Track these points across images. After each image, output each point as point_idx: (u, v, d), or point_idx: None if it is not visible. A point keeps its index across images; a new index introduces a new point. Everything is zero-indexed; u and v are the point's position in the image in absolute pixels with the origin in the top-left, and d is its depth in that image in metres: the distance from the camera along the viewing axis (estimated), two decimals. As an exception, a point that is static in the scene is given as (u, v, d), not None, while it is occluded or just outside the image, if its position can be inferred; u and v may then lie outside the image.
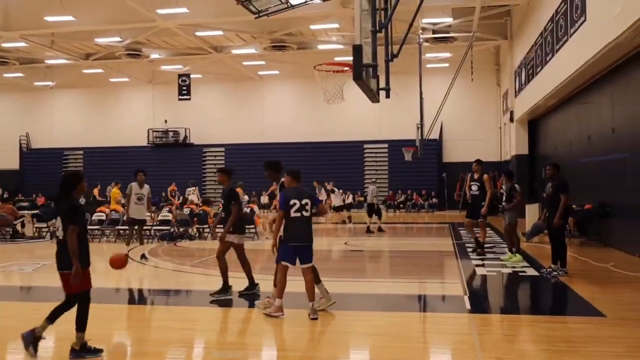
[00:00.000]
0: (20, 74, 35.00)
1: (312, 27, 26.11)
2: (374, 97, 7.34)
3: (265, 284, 8.91)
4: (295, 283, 7.76)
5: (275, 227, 7.39)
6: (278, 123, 35.82)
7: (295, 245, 7.31)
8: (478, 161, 13.03)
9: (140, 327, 7.42)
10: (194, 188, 23.64)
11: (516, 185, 11.95)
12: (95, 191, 31.41)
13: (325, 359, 5.95)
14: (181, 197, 25.77)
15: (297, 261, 7.45)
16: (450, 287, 9.87)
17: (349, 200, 28.93)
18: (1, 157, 37.15)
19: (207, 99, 36.15)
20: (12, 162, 36.25)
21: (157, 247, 15.57)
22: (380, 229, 19.27)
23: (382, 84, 7.74)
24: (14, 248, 16.04)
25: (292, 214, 7.23)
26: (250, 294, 8.71)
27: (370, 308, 8.17)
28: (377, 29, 6.79)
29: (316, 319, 7.08)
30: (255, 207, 17.44)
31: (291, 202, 7.24)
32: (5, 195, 31.49)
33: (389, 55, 7.53)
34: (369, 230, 19.02)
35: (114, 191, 18.78)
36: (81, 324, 5.67)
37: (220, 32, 26.90)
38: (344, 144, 34.88)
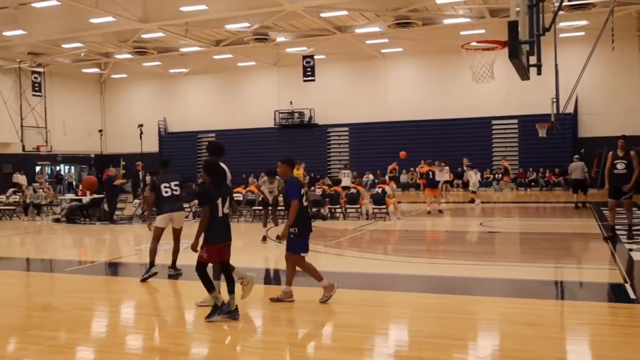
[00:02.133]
0: (157, 63, 37.24)
1: (438, 1, 25.37)
2: (525, 74, 6.96)
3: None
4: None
5: (291, 217, 7.14)
6: (402, 101, 35.40)
7: (307, 234, 7.40)
8: (623, 137, 12.05)
9: (284, 308, 7.62)
10: (347, 171, 24.01)
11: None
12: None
13: (454, 343, 5.77)
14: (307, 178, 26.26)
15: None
16: (605, 273, 9.23)
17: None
18: (143, 141, 39.78)
19: (330, 79, 36.46)
20: (152, 145, 38.75)
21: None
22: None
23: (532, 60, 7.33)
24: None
25: (304, 203, 7.30)
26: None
27: (527, 295, 7.86)
28: (534, 2, 6.39)
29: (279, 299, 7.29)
30: (387, 188, 17.36)
31: (302, 191, 7.27)
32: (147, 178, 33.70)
33: (540, 29, 7.07)
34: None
35: (295, 172, 19.42)
36: (206, 287, 6.54)
37: (344, 12, 26.89)
38: (470, 120, 33.80)
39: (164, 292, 7.33)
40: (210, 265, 6.74)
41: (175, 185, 9.09)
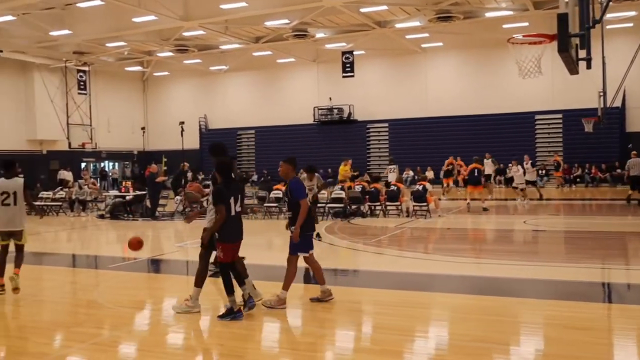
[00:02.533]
0: (198, 60, 37.67)
1: (481, -6, 24.94)
2: (574, 68, 6.72)
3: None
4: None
5: (301, 217, 6.95)
6: (442, 96, 34.93)
7: (311, 234, 7.29)
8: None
9: (323, 308, 7.57)
10: (394, 166, 23.88)
11: None
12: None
13: (497, 348, 5.62)
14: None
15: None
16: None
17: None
18: (184, 138, 40.37)
19: (370, 74, 36.23)
20: (193, 142, 39.20)
21: (332, 225, 15.94)
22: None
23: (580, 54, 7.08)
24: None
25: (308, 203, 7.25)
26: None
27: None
28: (585, -6, 6.15)
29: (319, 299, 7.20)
30: (428, 185, 17.13)
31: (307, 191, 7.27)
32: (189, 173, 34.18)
33: (589, 21, 6.80)
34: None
35: (342, 168, 19.49)
36: (225, 289, 6.64)
37: (384, 7, 26.66)
38: (512, 115, 33.12)
39: (207, 290, 7.36)
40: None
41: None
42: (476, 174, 18.80)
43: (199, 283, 6.95)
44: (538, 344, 5.85)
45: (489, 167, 23.91)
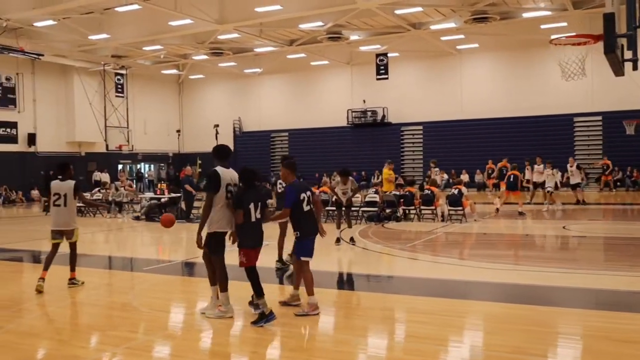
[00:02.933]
0: (232, 63, 37.94)
1: (518, -6, 24.50)
2: (620, 70, 6.47)
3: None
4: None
5: (273, 218, 7.27)
6: (477, 98, 34.47)
7: (313, 238, 7.15)
8: None
9: (359, 316, 7.45)
10: (437, 169, 23.75)
11: None
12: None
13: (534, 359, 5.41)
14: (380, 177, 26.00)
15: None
16: None
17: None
18: (218, 141, 40.76)
19: (404, 77, 35.96)
20: (227, 144, 39.38)
21: (365, 229, 15.80)
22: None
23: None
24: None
25: (305, 208, 7.02)
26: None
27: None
28: (633, -7, 5.90)
29: (304, 314, 6.88)
30: (464, 188, 16.85)
31: (302, 197, 7.01)
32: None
33: (637, 20, 6.53)
34: None
35: (385, 171, 19.39)
36: (255, 292, 6.68)
37: (419, 9, 26.41)
38: (550, 117, 32.48)
39: (240, 295, 7.32)
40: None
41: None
42: (512, 179, 18.45)
43: (223, 287, 6.92)
44: (579, 357, 5.63)
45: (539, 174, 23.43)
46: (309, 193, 7.17)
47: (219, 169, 6.94)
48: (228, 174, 6.93)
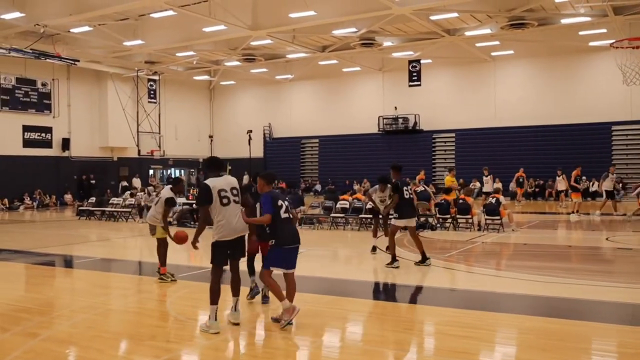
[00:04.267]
0: (264, 69, 37.94)
1: (557, -1, 23.92)
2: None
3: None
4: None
5: (253, 221, 7.21)
6: (511, 106, 33.84)
7: (290, 248, 7.00)
8: None
9: (393, 330, 7.15)
10: (490, 176, 23.50)
11: None
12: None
13: None
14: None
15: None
16: None
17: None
18: (251, 147, 40.82)
19: (436, 83, 35.53)
20: (257, 151, 39.49)
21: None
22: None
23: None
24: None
25: (283, 215, 6.94)
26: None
27: None
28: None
29: (278, 321, 6.81)
30: (501, 197, 16.41)
31: (279, 203, 6.92)
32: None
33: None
34: None
35: (447, 179, 19.15)
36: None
37: (455, 14, 26.01)
38: (586, 126, 31.70)
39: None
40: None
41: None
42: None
43: (212, 300, 6.75)
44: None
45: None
46: (287, 202, 7.14)
47: (209, 180, 6.94)
48: (221, 182, 6.93)
